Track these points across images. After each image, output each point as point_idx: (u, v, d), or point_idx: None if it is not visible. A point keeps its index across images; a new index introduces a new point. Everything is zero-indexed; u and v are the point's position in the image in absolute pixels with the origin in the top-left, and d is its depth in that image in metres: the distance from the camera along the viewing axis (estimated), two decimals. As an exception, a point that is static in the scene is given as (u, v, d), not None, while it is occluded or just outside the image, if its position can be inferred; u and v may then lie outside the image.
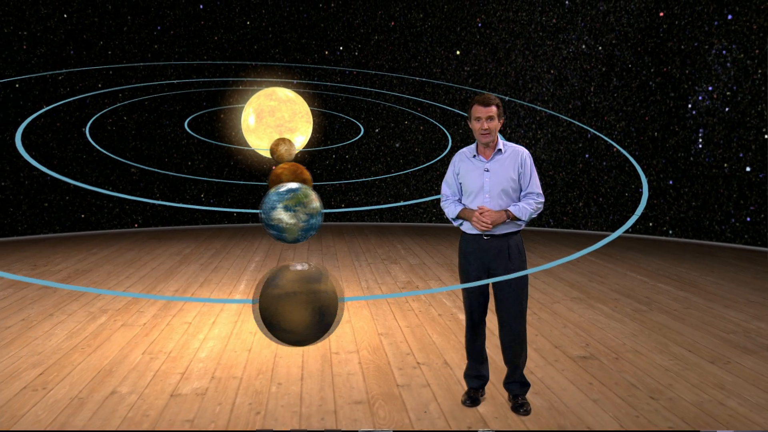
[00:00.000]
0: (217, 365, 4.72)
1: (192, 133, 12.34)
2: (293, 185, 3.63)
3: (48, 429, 3.60)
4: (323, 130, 12.96)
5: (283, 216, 3.48)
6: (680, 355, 4.87)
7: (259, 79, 12.52)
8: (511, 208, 3.70)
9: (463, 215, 3.80)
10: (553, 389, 4.20)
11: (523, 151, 3.81)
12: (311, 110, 5.73)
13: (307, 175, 4.54)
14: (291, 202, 3.52)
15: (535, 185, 3.78)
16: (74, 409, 3.89)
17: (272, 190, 3.55)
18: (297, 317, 3.13)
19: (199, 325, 5.78)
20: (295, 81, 12.76)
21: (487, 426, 3.63)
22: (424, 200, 13.35)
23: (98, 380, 4.39)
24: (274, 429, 3.60)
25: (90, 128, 11.96)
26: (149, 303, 6.56)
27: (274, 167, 4.57)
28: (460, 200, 3.90)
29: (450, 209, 3.88)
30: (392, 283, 7.51)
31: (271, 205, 3.44)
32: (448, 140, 12.49)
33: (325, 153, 13.26)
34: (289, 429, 3.61)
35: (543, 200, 3.80)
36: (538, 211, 3.77)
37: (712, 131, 10.33)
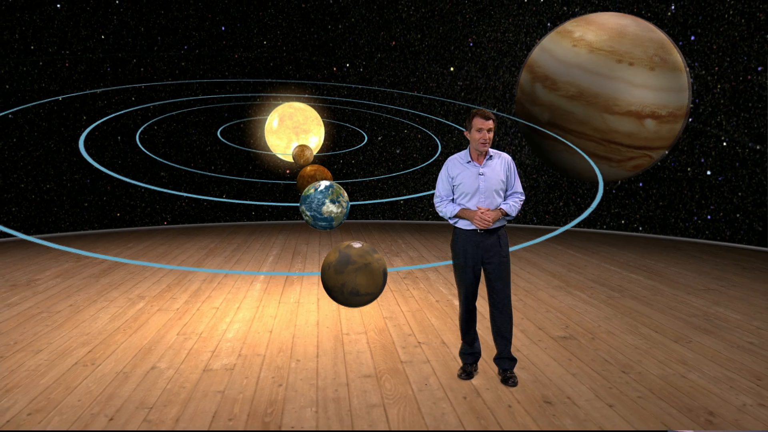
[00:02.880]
0: (243, 344, 4.81)
1: (225, 141, 12.39)
2: (326, 183, 4.23)
3: (97, 400, 3.70)
4: (332, 138, 13.03)
5: (332, 208, 4.19)
6: (648, 336, 4.95)
7: (274, 94, 12.60)
8: (503, 206, 3.84)
9: (462, 215, 3.89)
10: (537, 365, 4.29)
11: (508, 157, 3.97)
12: (322, 120, 6.11)
13: (330, 174, 4.82)
14: (334, 195, 4.21)
15: (519, 185, 3.97)
16: (120, 382, 3.98)
17: (311, 192, 4.00)
18: (374, 281, 3.60)
19: (225, 309, 5.87)
20: (306, 95, 12.84)
21: (479, 396, 3.72)
22: (420, 195, 13.33)
23: (139, 357, 4.49)
24: (295, 401, 3.69)
25: (124, 137, 12.04)
26: (181, 290, 6.64)
27: (303, 168, 4.87)
28: (453, 200, 4.01)
29: (448, 209, 3.96)
30: (394, 273, 7.58)
31: (320, 202, 4.09)
32: (438, 147, 12.56)
33: (333, 158, 13.32)
34: (308, 402, 3.70)
35: (524, 197, 3.97)
36: (520, 207, 3.95)
37: (678, 139, 10.40)
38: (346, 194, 4.28)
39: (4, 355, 4.50)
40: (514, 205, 3.87)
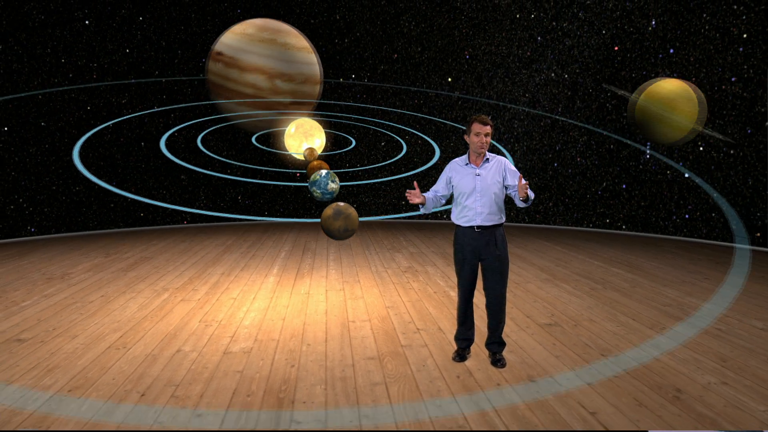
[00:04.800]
0: (259, 330, 4.97)
1: (260, 146, 12.55)
2: (324, 170, 6.07)
3: (129, 378, 3.87)
4: (339, 144, 13.18)
5: (333, 185, 6.08)
6: (626, 323, 5.10)
7: (287, 111, 12.76)
8: (529, 191, 3.86)
9: (422, 200, 4.05)
10: (525, 348, 4.44)
11: (504, 159, 4.08)
12: (330, 130, 7.97)
13: (327, 165, 6.89)
14: (332, 177, 6.01)
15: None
16: (149, 363, 4.15)
17: (317, 177, 6.02)
18: (354, 222, 5.75)
19: (242, 299, 6.03)
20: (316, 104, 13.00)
21: (471, 376, 3.87)
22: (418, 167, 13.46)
23: (166, 342, 4.65)
24: (306, 380, 3.84)
25: (147, 143, 12.23)
26: (202, 282, 6.80)
27: (311, 162, 6.75)
28: (452, 197, 4.18)
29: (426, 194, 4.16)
30: (396, 267, 7.74)
31: (325, 183, 6.07)
32: (435, 152, 12.72)
33: (340, 162, 13.48)
34: (318, 381, 3.86)
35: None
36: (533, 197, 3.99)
37: (658, 144, 10.53)
38: (337, 177, 6.24)
39: (44, 340, 4.68)
40: (531, 194, 3.88)
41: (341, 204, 5.60)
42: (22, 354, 4.35)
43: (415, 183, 4.08)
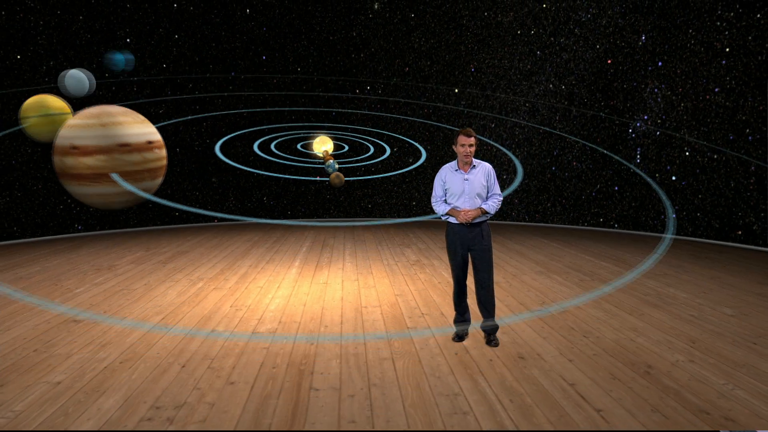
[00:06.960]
0: (282, 314, 5.27)
1: (301, 149, 12.87)
2: (331, 160, 8.30)
3: (171, 353, 4.17)
4: (355, 149, 13.46)
5: (336, 165, 8.25)
6: (608, 309, 5.30)
7: (308, 131, 13.09)
8: (483, 206, 4.25)
9: (451, 213, 4.32)
10: (516, 330, 4.68)
11: (489, 166, 4.37)
12: (338, 138, 9.19)
13: (333, 157, 8.74)
14: (335, 162, 8.16)
15: (497, 188, 4.35)
16: (188, 341, 4.46)
17: (329, 162, 8.43)
18: (343, 179, 8.15)
19: (268, 288, 6.34)
20: (333, 113, 13.31)
21: (467, 353, 4.13)
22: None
23: (202, 323, 4.97)
24: (323, 355, 4.13)
25: (178, 148, 12.62)
26: (232, 272, 7.12)
27: (326, 157, 8.98)
28: (445, 201, 4.43)
29: (441, 208, 4.39)
30: (405, 261, 7.98)
31: (333, 165, 8.27)
32: (422, 154, 12.94)
33: (355, 166, 13.75)
34: (333, 356, 4.13)
35: (502, 198, 4.37)
36: (499, 205, 4.32)
37: (647, 150, 10.66)
38: (337, 162, 8.73)
39: (96, 321, 5.02)
40: (492, 204, 4.28)
41: (338, 172, 8.38)
42: (79, 332, 4.69)
43: (463, 211, 4.27)
